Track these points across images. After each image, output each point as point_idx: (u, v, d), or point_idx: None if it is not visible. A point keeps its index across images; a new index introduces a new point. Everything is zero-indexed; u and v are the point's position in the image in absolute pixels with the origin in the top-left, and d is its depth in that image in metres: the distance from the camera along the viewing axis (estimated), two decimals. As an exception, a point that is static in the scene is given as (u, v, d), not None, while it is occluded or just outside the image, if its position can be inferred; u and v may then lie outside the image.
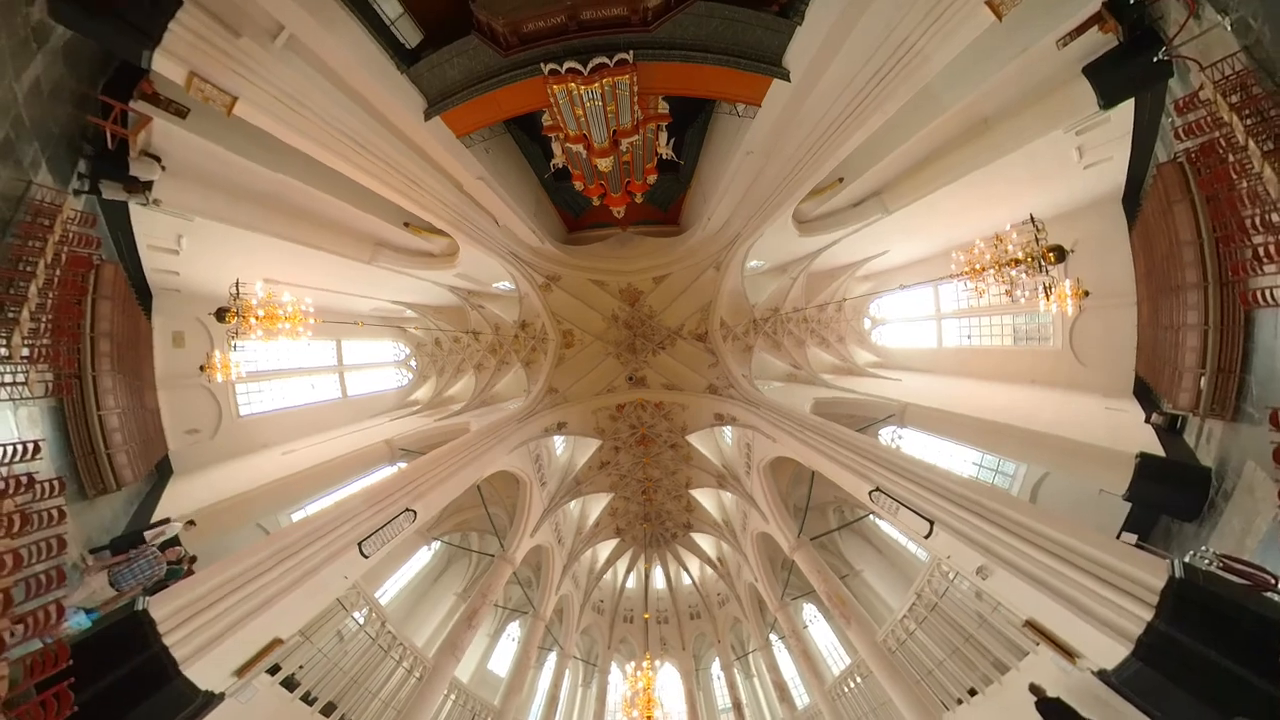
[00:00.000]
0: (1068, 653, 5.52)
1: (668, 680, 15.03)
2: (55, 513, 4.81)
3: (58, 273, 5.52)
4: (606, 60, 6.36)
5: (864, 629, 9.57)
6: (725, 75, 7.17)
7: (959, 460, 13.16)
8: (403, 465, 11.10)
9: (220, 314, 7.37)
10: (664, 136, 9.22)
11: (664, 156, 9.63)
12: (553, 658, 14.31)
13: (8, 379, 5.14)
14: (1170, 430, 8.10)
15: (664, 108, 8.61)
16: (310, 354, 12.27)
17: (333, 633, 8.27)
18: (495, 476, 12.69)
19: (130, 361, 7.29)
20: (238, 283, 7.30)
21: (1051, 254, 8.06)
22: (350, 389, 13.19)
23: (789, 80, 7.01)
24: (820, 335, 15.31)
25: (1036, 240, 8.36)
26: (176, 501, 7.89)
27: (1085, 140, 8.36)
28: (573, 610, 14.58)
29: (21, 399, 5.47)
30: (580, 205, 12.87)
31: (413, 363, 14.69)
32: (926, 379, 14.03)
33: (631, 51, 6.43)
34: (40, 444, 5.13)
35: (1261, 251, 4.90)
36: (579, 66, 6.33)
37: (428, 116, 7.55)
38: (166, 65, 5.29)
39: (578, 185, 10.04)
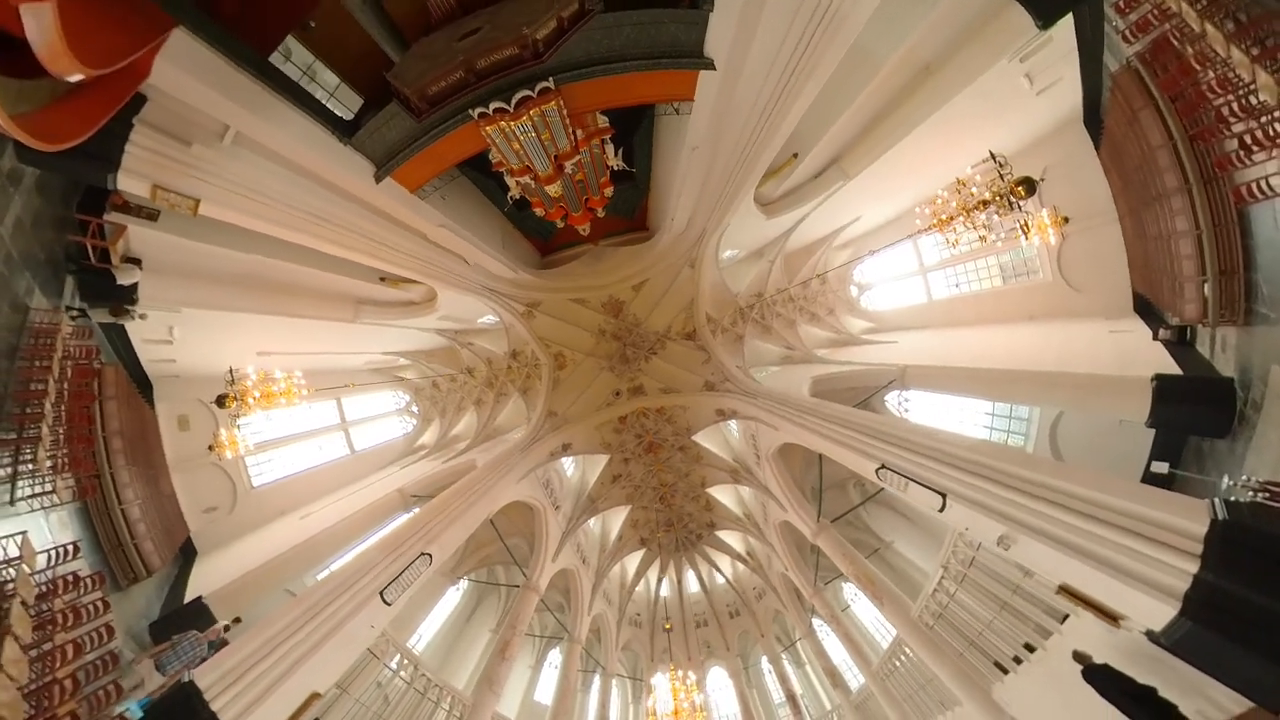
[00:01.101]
0: (1109, 615, 5.21)
1: (718, 683, 15.19)
2: (100, 605, 5.44)
3: (66, 385, 6.17)
4: (529, 92, 6.60)
5: (898, 607, 9.54)
6: (650, 78, 7.23)
7: (970, 413, 13.24)
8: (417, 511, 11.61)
9: (220, 400, 8.00)
10: (610, 149, 9.55)
11: (615, 168, 10.02)
12: (598, 679, 14.58)
13: (38, 489, 5.77)
14: (1181, 344, 7.96)
15: (603, 121, 8.91)
16: (313, 416, 12.94)
17: (371, 684, 8.72)
18: (510, 507, 13.12)
19: (142, 452, 7.95)
20: (231, 370, 7.90)
21: (1020, 188, 8.06)
22: (357, 444, 13.82)
23: (714, 69, 7.13)
24: (809, 311, 15.52)
25: (1001, 177, 8.24)
26: (205, 579, 8.49)
27: (1032, 65, 8.43)
28: (610, 628, 14.88)
29: (52, 505, 6.09)
30: (548, 229, 13.34)
31: (414, 408, 15.30)
32: (922, 336, 14.14)
33: (551, 78, 6.63)
34: (77, 545, 5.76)
35: (1248, 139, 4.61)
36: (504, 105, 6.62)
37: (378, 179, 8.10)
38: (130, 183, 5.95)
39: (538, 212, 10.51)
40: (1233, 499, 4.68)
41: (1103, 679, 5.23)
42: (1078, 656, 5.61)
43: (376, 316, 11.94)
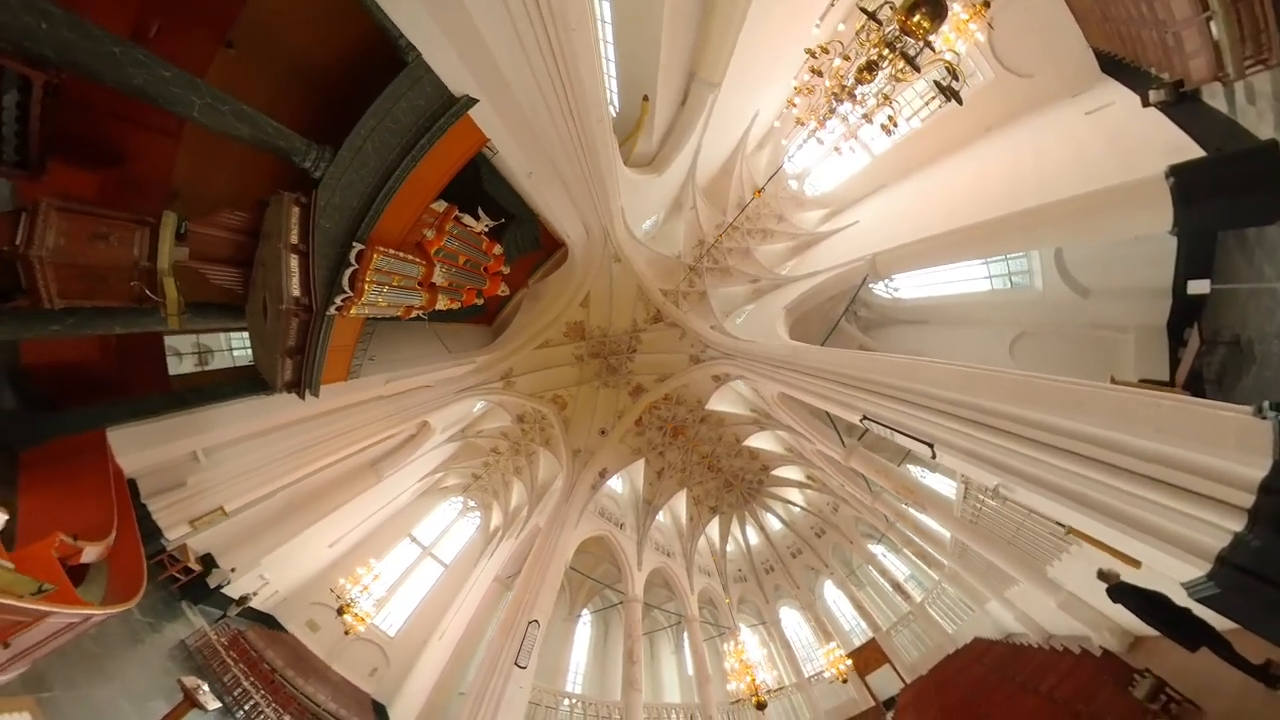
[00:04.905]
0: (1126, 558, 5.03)
1: (832, 595, 18.26)
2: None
3: (241, 667, 9.58)
4: (353, 265, 7.11)
5: (941, 509, 10.93)
6: (434, 158, 7.31)
7: (965, 269, 13.51)
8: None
9: (340, 612, 11.38)
10: (469, 219, 10.29)
11: (488, 228, 10.78)
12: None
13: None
14: (1181, 102, 6.66)
15: (441, 206, 8.74)
16: (400, 558, 16.63)
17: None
18: (586, 543, 16.29)
19: (307, 667, 11.67)
20: (332, 589, 11.10)
21: (920, 17, 6.55)
22: (444, 556, 17.53)
23: (478, 99, 7.06)
24: (760, 230, 16.10)
25: (873, 17, 7.09)
26: (405, 718, 12.46)
27: None
28: (719, 594, 18.25)
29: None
30: (477, 306, 15.06)
31: (471, 503, 18.67)
32: (882, 202, 14.31)
33: (353, 242, 7.07)
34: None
35: None
36: (343, 291, 7.26)
37: (316, 394, 10.34)
38: (175, 535, 8.72)
39: (454, 307, 12.21)
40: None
41: (1131, 599, 5.00)
42: (1103, 575, 5.39)
43: (393, 464, 14.74)
